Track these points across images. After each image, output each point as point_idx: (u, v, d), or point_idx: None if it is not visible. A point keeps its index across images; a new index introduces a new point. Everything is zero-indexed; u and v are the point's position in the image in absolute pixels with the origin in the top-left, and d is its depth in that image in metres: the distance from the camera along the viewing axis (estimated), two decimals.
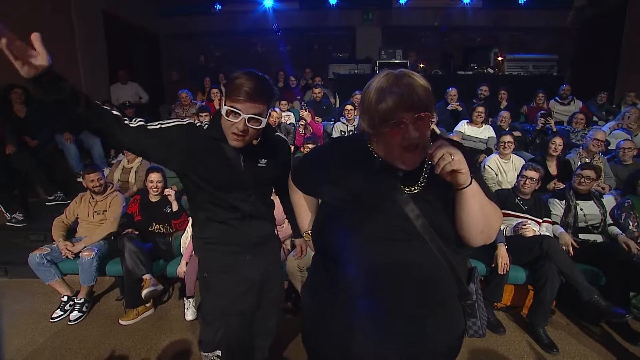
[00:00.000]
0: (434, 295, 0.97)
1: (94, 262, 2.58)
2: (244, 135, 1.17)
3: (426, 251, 0.93)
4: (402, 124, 0.86)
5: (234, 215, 1.33)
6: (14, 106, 3.97)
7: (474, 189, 0.86)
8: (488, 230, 0.93)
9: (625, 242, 2.53)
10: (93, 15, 5.62)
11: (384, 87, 0.87)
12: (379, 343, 1.00)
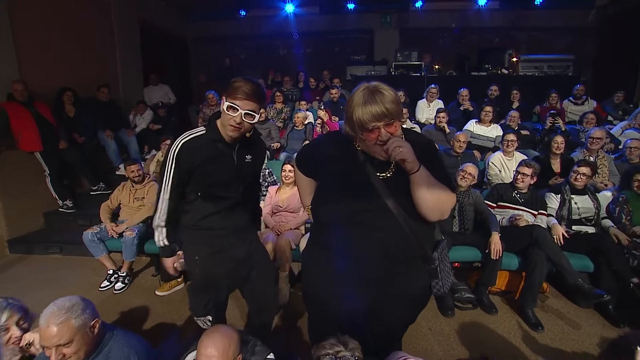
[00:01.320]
0: (397, 255, 1.26)
1: (135, 241, 2.99)
2: (239, 127, 1.45)
3: (393, 221, 1.23)
4: (376, 130, 1.15)
5: (225, 204, 1.60)
6: (65, 107, 4.49)
7: (422, 174, 1.15)
8: (439, 208, 1.21)
9: (615, 234, 2.70)
10: (130, 24, 6.15)
11: (360, 103, 1.13)
12: (355, 289, 1.31)
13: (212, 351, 1.25)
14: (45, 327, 1.24)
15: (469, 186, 2.94)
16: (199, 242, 1.63)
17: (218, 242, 1.63)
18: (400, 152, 1.11)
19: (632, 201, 2.84)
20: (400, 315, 1.39)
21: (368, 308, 1.32)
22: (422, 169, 1.16)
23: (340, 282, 1.32)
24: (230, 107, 1.42)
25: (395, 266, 1.28)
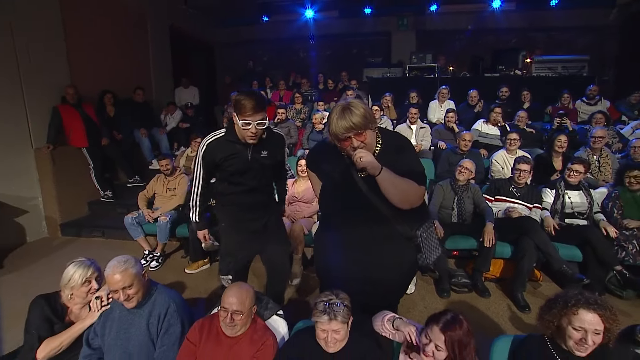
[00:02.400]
0: (380, 235, 1.60)
1: (168, 225, 3.42)
2: (256, 135, 1.85)
3: (374, 211, 1.56)
4: (348, 140, 1.45)
5: (242, 188, 2.01)
6: (106, 107, 5.02)
7: (383, 176, 1.45)
8: (406, 200, 1.52)
9: (604, 227, 2.88)
10: (162, 31, 6.68)
11: (334, 119, 1.43)
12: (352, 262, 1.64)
13: (233, 299, 1.60)
14: (111, 275, 1.63)
15: (468, 180, 3.19)
16: (225, 215, 2.10)
17: (238, 215, 2.06)
18: (361, 161, 1.41)
19: (623, 196, 3.01)
20: (390, 281, 1.70)
21: (363, 275, 1.65)
22: (384, 171, 1.45)
23: (340, 256, 1.66)
24: (244, 123, 1.79)
25: (380, 244, 1.61)
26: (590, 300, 1.41)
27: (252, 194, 2.03)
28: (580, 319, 1.39)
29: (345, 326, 1.50)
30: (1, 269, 3.50)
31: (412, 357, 1.55)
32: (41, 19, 4.20)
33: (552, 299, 1.51)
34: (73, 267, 1.86)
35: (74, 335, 1.78)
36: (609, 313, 1.40)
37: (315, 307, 1.50)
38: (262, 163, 1.99)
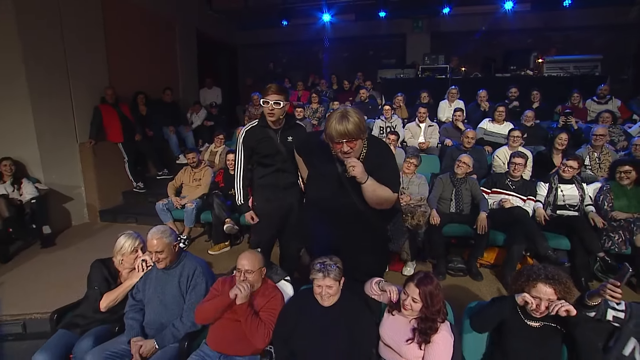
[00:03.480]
0: (358, 224, 1.93)
1: (194, 211, 3.84)
2: (273, 113, 2.21)
3: (352, 205, 1.88)
4: (340, 144, 1.75)
5: (272, 169, 2.39)
6: (139, 107, 5.53)
7: (367, 184, 1.77)
8: (380, 203, 1.85)
9: (592, 218, 3.08)
10: (189, 36, 7.19)
11: (332, 122, 1.70)
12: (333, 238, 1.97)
13: (245, 261, 1.96)
14: (150, 239, 2.03)
15: (466, 174, 3.45)
16: (258, 193, 2.46)
17: (269, 193, 2.42)
18: (353, 170, 1.73)
19: (614, 190, 3.19)
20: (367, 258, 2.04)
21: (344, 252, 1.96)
22: (369, 180, 1.77)
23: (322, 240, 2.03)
24: (264, 101, 2.21)
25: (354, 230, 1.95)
26: (549, 276, 1.70)
27: (281, 175, 2.38)
28: (538, 290, 1.68)
29: (337, 284, 1.83)
30: (54, 246, 4.03)
31: (393, 314, 1.87)
32: (85, 26, 4.73)
33: (520, 271, 1.80)
34: (124, 237, 2.29)
35: (125, 290, 2.19)
36: (563, 287, 1.68)
37: (312, 267, 1.85)
38: (289, 147, 2.33)
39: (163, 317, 2.08)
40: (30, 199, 3.92)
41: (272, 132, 2.34)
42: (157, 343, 1.98)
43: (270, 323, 1.89)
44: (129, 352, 1.98)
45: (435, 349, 1.69)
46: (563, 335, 1.71)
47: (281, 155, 2.37)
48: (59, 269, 3.45)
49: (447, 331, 1.74)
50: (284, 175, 2.41)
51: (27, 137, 4.20)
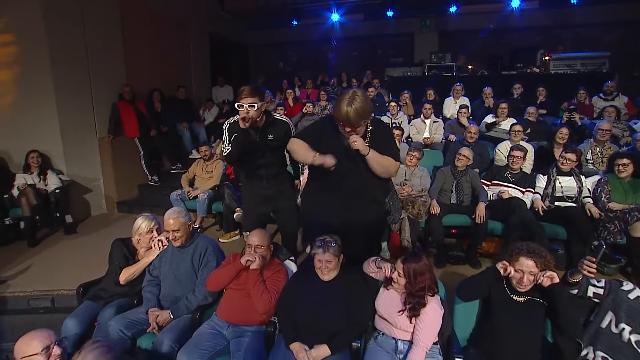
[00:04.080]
0: (360, 197, 2.09)
1: (206, 201, 4.05)
2: (247, 118, 2.19)
3: (359, 177, 2.04)
4: (342, 125, 1.94)
5: (255, 164, 2.48)
6: (154, 104, 5.77)
7: (371, 156, 1.95)
8: (386, 172, 2.03)
9: (589, 209, 3.17)
10: (202, 36, 7.44)
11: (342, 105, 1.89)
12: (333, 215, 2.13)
13: (255, 238, 2.14)
14: (167, 219, 2.23)
15: (467, 166, 3.56)
16: (245, 184, 2.67)
17: (253, 185, 2.58)
18: (355, 144, 1.91)
19: (612, 182, 3.27)
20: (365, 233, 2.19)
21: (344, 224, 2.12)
22: (371, 152, 1.95)
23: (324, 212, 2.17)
24: (239, 105, 2.24)
25: (356, 203, 2.11)
26: (530, 250, 1.84)
27: (262, 168, 2.50)
28: (520, 263, 1.82)
29: (336, 259, 1.99)
30: (76, 233, 4.29)
31: (388, 289, 2.02)
32: (105, 28, 5.00)
33: (504, 248, 1.93)
34: (141, 219, 2.50)
35: (143, 266, 2.40)
36: (543, 259, 1.82)
37: (314, 244, 2.01)
38: (269, 145, 2.44)
39: (177, 291, 2.27)
40: (54, 188, 4.19)
41: (252, 132, 2.37)
42: (172, 313, 2.17)
43: (274, 292, 2.06)
44: (147, 321, 2.18)
45: (425, 319, 1.83)
46: (546, 308, 1.84)
47: (261, 152, 2.45)
48: (81, 252, 3.70)
49: (437, 304, 1.89)
50: (266, 170, 2.51)
51: (52, 131, 4.47)
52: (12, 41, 4.21)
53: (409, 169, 3.79)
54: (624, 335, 1.76)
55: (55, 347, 1.61)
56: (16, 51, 4.24)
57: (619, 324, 1.78)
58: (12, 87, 4.32)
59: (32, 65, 4.31)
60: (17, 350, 1.60)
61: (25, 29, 4.21)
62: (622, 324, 1.77)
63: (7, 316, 2.80)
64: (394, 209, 2.18)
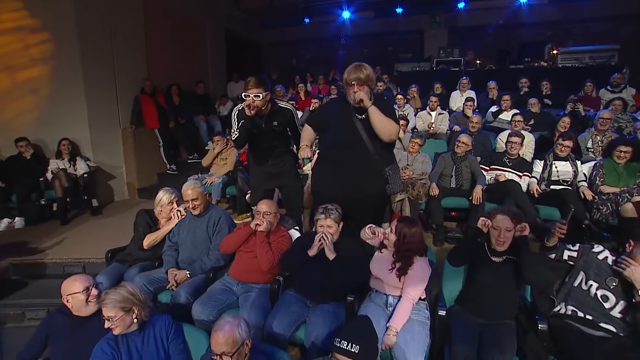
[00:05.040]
0: (361, 168, 2.31)
1: (220, 185, 4.35)
2: (253, 106, 2.41)
3: (364, 148, 2.26)
4: (351, 85, 2.20)
5: (262, 147, 2.74)
6: (173, 97, 6.12)
7: (373, 109, 2.18)
8: (387, 131, 2.24)
9: (583, 191, 3.30)
10: (218, 34, 7.79)
11: (351, 70, 2.21)
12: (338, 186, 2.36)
13: (263, 206, 2.39)
14: (185, 190, 2.52)
15: (466, 152, 3.74)
16: (252, 163, 2.90)
17: (260, 164, 2.83)
18: (359, 95, 2.17)
19: (607, 166, 3.38)
20: (369, 204, 2.42)
21: (347, 197, 2.36)
22: (373, 107, 2.19)
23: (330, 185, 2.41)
24: (245, 95, 2.48)
25: (361, 174, 2.34)
26: (505, 209, 2.04)
27: (267, 151, 2.76)
28: (497, 220, 2.03)
29: (336, 225, 2.23)
30: (102, 215, 4.66)
31: (382, 252, 2.24)
32: (129, 26, 5.36)
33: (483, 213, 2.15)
34: (163, 192, 2.79)
35: (163, 233, 2.69)
36: (517, 217, 2.01)
37: (316, 211, 2.25)
38: (274, 130, 2.68)
39: (194, 255, 2.55)
40: (83, 173, 4.55)
41: (258, 119, 2.57)
42: (188, 273, 2.45)
43: (278, 252, 2.32)
44: (167, 280, 2.46)
45: (412, 275, 2.05)
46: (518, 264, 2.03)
47: (267, 137, 2.68)
48: (107, 229, 4.05)
49: (424, 263, 2.10)
50: (271, 152, 2.76)
51: (81, 121, 4.85)
52: (48, 39, 4.59)
53: (411, 155, 3.99)
54: (592, 291, 1.93)
55: (93, 288, 1.91)
56: (51, 48, 4.62)
57: (588, 281, 1.96)
58: (47, 81, 4.71)
59: (65, 61, 4.68)
60: (63, 288, 1.90)
61: (59, 28, 4.58)
62: (590, 281, 1.95)
63: (45, 280, 3.15)
64: (393, 179, 2.37)
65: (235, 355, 1.49)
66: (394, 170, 2.40)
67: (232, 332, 1.50)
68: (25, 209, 4.26)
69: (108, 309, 1.69)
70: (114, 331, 1.73)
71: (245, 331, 1.54)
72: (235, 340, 1.49)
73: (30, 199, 4.32)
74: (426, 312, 2.11)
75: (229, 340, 1.48)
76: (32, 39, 4.56)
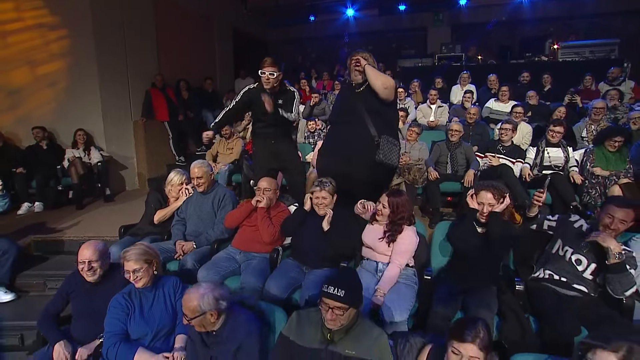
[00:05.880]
0: (358, 141, 2.49)
1: (227, 172, 4.55)
2: (269, 82, 2.75)
3: (361, 123, 2.45)
4: (352, 60, 2.41)
5: (266, 123, 2.94)
6: (182, 92, 6.37)
7: (368, 66, 2.38)
8: (381, 84, 2.40)
9: (572, 175, 3.43)
10: (226, 31, 8.03)
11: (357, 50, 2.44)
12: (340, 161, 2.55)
13: (264, 183, 2.59)
14: (192, 169, 2.73)
15: (459, 138, 3.88)
16: (255, 141, 3.12)
17: (262, 142, 3.04)
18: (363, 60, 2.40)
19: (597, 152, 3.51)
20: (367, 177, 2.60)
21: (347, 171, 2.54)
22: (368, 65, 2.43)
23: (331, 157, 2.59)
24: (262, 72, 2.76)
25: (360, 146, 2.51)
26: (488, 185, 2.19)
27: (270, 127, 2.96)
28: (480, 196, 2.18)
29: (330, 196, 2.41)
30: (114, 201, 4.90)
31: (372, 224, 2.41)
32: (140, 24, 5.62)
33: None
34: (174, 173, 3.01)
35: (172, 209, 2.91)
36: (499, 191, 2.16)
37: (312, 185, 2.43)
38: (279, 106, 2.88)
39: (200, 228, 2.75)
40: (97, 162, 4.81)
41: (268, 95, 2.80)
42: (195, 244, 2.65)
43: (277, 226, 2.51)
44: (174, 251, 2.66)
45: (400, 242, 2.22)
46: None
47: (272, 114, 2.86)
48: (120, 213, 4.29)
49: (412, 232, 2.26)
50: (274, 129, 2.96)
51: (95, 113, 5.11)
52: (66, 35, 4.85)
53: (409, 143, 4.14)
54: (567, 256, 2.08)
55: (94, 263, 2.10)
56: (69, 44, 4.88)
57: (564, 247, 2.10)
58: (64, 75, 4.97)
59: (82, 57, 4.94)
60: (80, 254, 2.11)
61: (77, 25, 4.84)
62: (566, 247, 2.09)
63: (63, 255, 3.39)
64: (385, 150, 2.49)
65: (195, 321, 1.62)
66: (389, 143, 2.55)
67: (193, 300, 1.62)
68: (44, 194, 4.53)
69: (132, 262, 1.88)
70: (137, 284, 1.92)
71: (209, 303, 1.62)
72: (194, 308, 1.61)
73: (48, 185, 4.58)
74: (414, 278, 2.27)
75: (188, 305, 1.62)
76: (51, 35, 4.83)
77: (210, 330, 1.67)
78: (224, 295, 1.69)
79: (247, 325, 1.65)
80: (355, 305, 1.62)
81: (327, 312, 1.57)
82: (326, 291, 1.57)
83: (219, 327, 1.66)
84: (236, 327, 1.64)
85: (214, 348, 1.64)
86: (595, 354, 1.25)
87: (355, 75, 2.54)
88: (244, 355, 1.59)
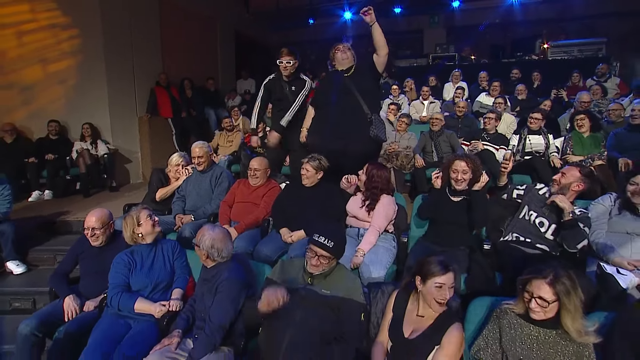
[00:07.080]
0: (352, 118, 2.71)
1: (226, 162, 4.78)
2: (286, 69, 3.03)
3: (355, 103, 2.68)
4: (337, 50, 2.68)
5: (280, 108, 3.18)
6: (185, 90, 6.64)
7: (376, 25, 2.68)
8: (382, 44, 2.73)
9: (552, 160, 3.62)
10: (228, 33, 8.34)
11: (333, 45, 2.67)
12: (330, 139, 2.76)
13: (254, 163, 2.81)
14: (194, 147, 2.98)
15: (442, 127, 4.09)
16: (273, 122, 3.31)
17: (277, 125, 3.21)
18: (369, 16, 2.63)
19: (574, 138, 3.70)
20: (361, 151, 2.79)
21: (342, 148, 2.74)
22: (377, 25, 2.68)
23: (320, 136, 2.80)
24: (279, 61, 3.04)
25: (351, 125, 2.72)
26: (461, 155, 2.39)
27: (283, 112, 3.18)
28: (455, 165, 2.38)
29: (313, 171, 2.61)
30: (118, 192, 5.15)
31: (356, 194, 2.62)
32: (146, 24, 5.93)
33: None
34: (176, 155, 3.25)
35: (173, 188, 3.15)
36: (472, 161, 2.36)
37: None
38: (293, 92, 3.15)
39: (198, 203, 2.97)
40: (103, 154, 5.06)
41: (284, 82, 3.17)
42: (193, 217, 2.86)
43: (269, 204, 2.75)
44: (174, 224, 2.88)
45: (379, 208, 2.42)
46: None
47: (287, 99, 3.16)
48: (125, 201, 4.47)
49: (390, 200, 2.47)
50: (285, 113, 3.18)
51: (103, 108, 5.38)
52: (76, 35, 5.16)
53: (399, 134, 4.36)
54: (531, 219, 2.27)
55: (112, 223, 2.34)
56: (79, 43, 5.18)
57: (530, 212, 2.29)
58: (74, 72, 5.26)
59: (90, 55, 5.23)
60: (86, 220, 2.33)
61: (87, 25, 5.15)
62: (531, 212, 2.28)
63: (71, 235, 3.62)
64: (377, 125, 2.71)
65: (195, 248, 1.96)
66: (377, 119, 2.77)
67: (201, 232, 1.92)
68: (54, 183, 4.78)
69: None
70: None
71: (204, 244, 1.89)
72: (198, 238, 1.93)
73: (58, 174, 4.83)
74: (393, 242, 2.47)
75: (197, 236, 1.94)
76: (63, 35, 5.13)
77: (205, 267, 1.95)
78: (220, 248, 1.90)
79: (229, 271, 1.86)
80: (338, 256, 1.82)
81: (313, 258, 1.77)
82: (317, 240, 1.76)
83: (211, 267, 1.88)
84: (221, 271, 1.86)
85: (205, 284, 1.87)
86: (532, 284, 1.45)
87: (340, 61, 2.81)
88: (219, 296, 1.80)
